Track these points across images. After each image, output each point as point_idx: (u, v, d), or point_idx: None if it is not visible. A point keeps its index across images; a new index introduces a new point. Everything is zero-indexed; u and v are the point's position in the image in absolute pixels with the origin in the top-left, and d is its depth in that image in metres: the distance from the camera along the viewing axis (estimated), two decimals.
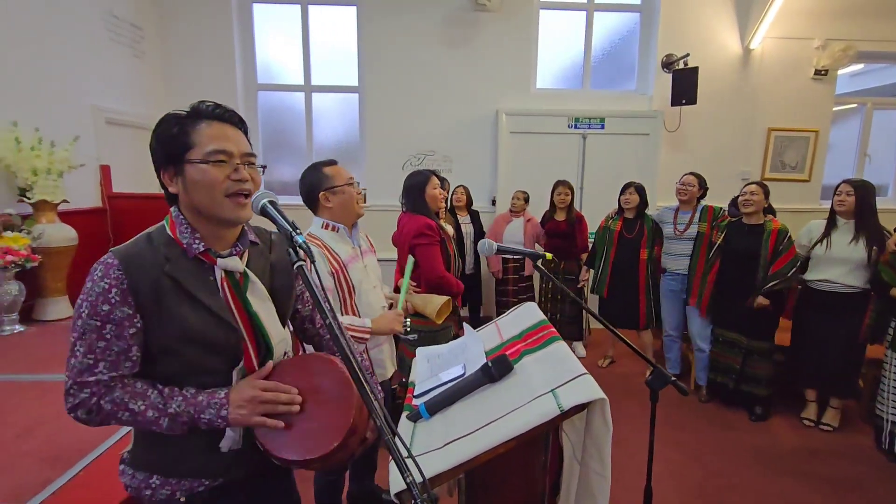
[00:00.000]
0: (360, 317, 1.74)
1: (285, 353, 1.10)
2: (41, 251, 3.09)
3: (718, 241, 3.20)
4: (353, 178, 1.77)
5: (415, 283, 2.24)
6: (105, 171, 4.00)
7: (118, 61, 4.20)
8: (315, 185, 1.71)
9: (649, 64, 4.96)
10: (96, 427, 0.95)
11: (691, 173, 3.45)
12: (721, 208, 3.37)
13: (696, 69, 4.54)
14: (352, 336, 1.62)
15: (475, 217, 4.42)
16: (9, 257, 2.83)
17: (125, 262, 0.91)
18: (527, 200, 4.23)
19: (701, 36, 4.80)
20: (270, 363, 1.02)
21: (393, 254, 2.55)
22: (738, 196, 3.16)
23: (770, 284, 2.95)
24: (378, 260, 1.95)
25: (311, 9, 4.95)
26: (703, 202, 3.46)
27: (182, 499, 1.00)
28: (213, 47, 4.78)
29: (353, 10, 4.90)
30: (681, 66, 4.67)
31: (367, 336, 1.68)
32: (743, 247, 3.08)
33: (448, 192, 3.99)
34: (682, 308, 3.52)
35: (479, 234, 4.37)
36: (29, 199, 3.17)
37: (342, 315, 1.69)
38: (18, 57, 3.27)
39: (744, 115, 4.96)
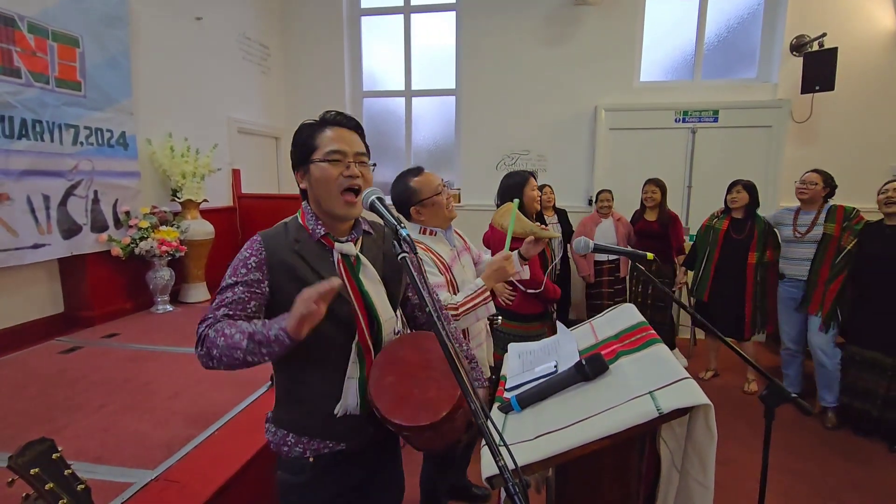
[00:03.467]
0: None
1: (396, 332, 1.20)
2: (187, 243, 3.62)
3: (849, 246, 2.82)
4: (441, 183, 1.76)
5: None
6: (236, 174, 4.57)
7: (249, 77, 4.78)
8: (404, 201, 1.74)
9: (774, 48, 4.45)
10: (214, 370, 1.01)
11: (815, 170, 3.10)
12: (853, 208, 2.96)
13: (834, 50, 3.98)
14: (476, 303, 1.65)
15: (563, 216, 4.30)
16: (164, 247, 3.36)
17: (265, 239, 1.09)
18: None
19: (841, 13, 4.20)
20: (336, 279, 0.97)
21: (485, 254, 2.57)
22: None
23: None
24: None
25: (413, 16, 5.18)
26: (832, 202, 3.07)
27: (311, 458, 1.12)
28: (326, 61, 5.22)
29: (452, 14, 5.04)
30: (815, 47, 4.13)
31: (485, 293, 1.66)
32: (884, 253, 2.69)
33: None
34: (803, 318, 3.16)
35: (568, 233, 4.23)
36: (178, 198, 3.74)
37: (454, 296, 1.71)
38: (173, 78, 3.88)
39: None
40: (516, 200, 1.79)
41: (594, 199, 4.10)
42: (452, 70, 5.13)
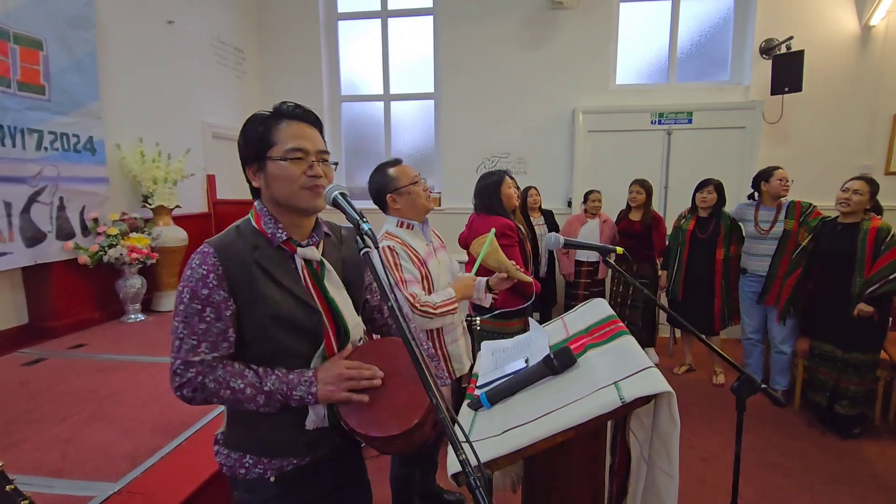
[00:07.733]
0: None
1: (360, 339, 1.16)
2: (158, 250, 3.54)
3: (804, 243, 2.94)
4: (417, 175, 1.78)
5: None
6: (210, 179, 4.48)
7: (223, 81, 4.71)
8: (381, 188, 1.77)
9: (745, 51, 4.56)
10: (197, 406, 1.01)
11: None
12: (809, 204, 3.06)
13: (801, 53, 4.10)
14: (449, 310, 1.68)
15: (549, 218, 4.32)
16: (134, 255, 3.27)
17: (219, 250, 0.98)
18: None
19: (807, 16, 4.32)
20: (350, 345, 1.08)
21: (462, 255, 2.54)
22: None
23: (872, 288, 2.61)
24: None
25: (390, 21, 5.18)
26: (791, 198, 3.19)
27: (272, 478, 1.04)
28: (304, 65, 5.18)
29: (429, 19, 5.05)
30: (783, 50, 4.24)
31: (455, 304, 1.71)
32: (836, 248, 2.78)
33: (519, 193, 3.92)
34: (764, 310, 3.29)
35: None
36: (150, 204, 3.64)
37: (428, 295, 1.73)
38: (144, 82, 3.80)
39: (863, 101, 4.36)
40: (493, 230, 1.84)
41: (583, 199, 4.12)
42: (431, 74, 5.13)
